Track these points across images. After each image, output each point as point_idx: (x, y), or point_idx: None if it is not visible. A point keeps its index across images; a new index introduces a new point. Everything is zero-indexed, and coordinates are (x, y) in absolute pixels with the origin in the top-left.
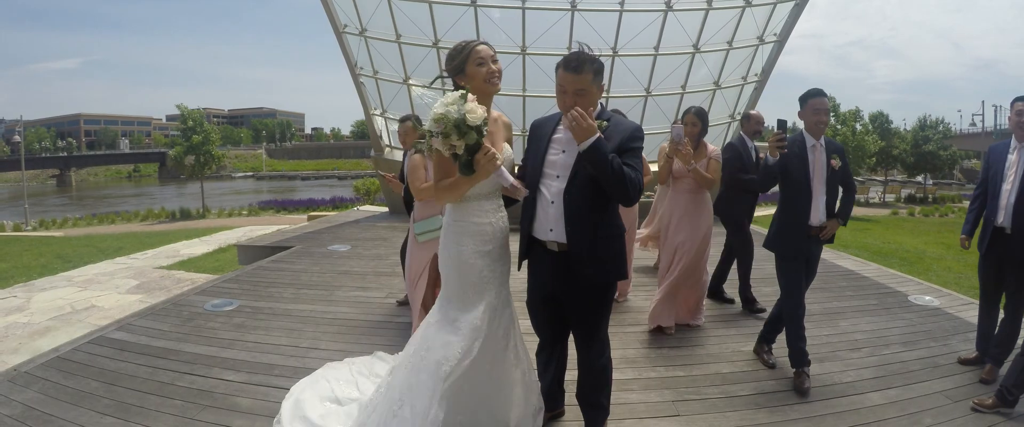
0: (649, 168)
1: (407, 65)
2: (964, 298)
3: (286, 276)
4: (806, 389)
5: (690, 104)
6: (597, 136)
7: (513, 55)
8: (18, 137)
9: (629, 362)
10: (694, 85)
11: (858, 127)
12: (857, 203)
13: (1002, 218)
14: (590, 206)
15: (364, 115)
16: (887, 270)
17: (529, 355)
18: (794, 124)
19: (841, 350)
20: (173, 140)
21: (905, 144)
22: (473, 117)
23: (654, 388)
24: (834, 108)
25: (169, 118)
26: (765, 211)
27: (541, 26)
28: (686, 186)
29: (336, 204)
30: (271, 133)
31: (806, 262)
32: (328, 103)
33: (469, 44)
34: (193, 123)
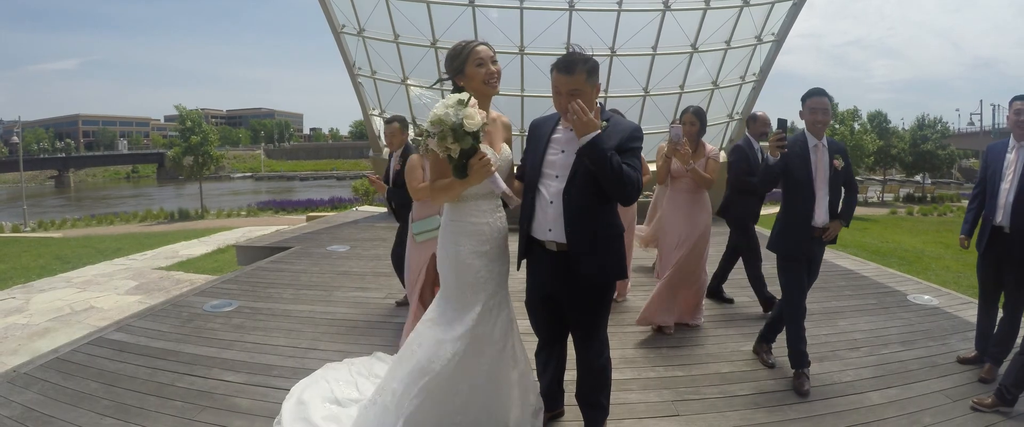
0: (648, 168)
1: (405, 65)
2: (963, 297)
3: (285, 277)
4: (806, 391)
5: (688, 104)
6: (597, 132)
7: (511, 55)
8: (16, 138)
9: (628, 362)
10: (692, 85)
11: (856, 126)
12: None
13: (1000, 217)
14: (589, 206)
15: (362, 115)
16: (886, 269)
17: (528, 355)
18: (793, 124)
19: (840, 349)
20: (171, 141)
21: (903, 143)
22: (471, 123)
23: (653, 388)
24: (832, 108)
25: (167, 119)
26: (769, 210)
27: (539, 26)
28: (685, 186)
29: (335, 204)
30: (269, 133)
31: (808, 264)
32: (326, 103)
33: (469, 44)
34: (191, 124)
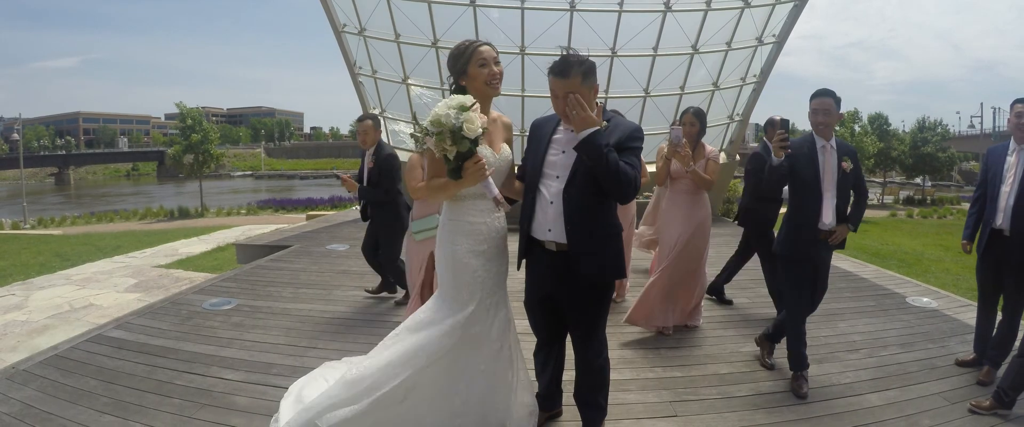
0: (647, 169)
1: (406, 65)
2: (962, 300)
3: (285, 275)
4: (804, 393)
5: (689, 105)
6: (596, 128)
7: (512, 55)
8: (17, 135)
9: (627, 362)
10: (693, 86)
11: (857, 128)
12: None
13: (1000, 220)
14: (589, 205)
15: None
16: (885, 271)
17: (525, 355)
18: (792, 124)
19: (839, 351)
20: (172, 139)
21: (904, 146)
22: (470, 127)
23: (652, 388)
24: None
25: (168, 117)
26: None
27: (540, 26)
28: (684, 187)
29: (335, 203)
30: (270, 132)
31: (815, 269)
32: (327, 102)
33: (472, 44)
34: (192, 122)
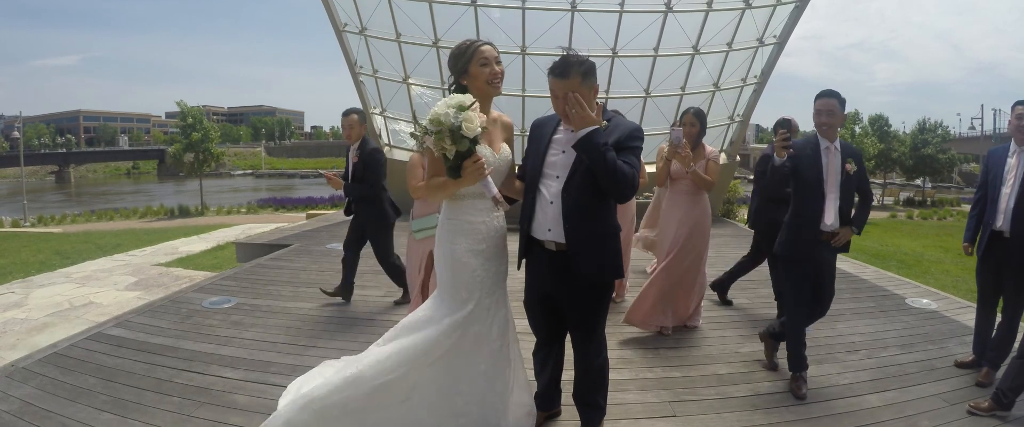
0: (646, 170)
1: (407, 64)
2: (961, 301)
3: (284, 274)
4: (802, 394)
5: (689, 106)
6: (595, 127)
7: (513, 55)
8: (17, 133)
9: (626, 362)
10: (693, 86)
11: (857, 130)
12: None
13: (1001, 222)
14: (587, 205)
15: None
16: (885, 273)
17: (524, 355)
18: (793, 123)
19: (838, 352)
20: (172, 137)
21: (904, 147)
22: (469, 127)
23: (651, 388)
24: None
25: (168, 115)
26: None
27: (541, 26)
28: (684, 187)
29: (335, 202)
30: (270, 131)
31: (818, 271)
32: (328, 101)
33: (473, 44)
34: (192, 120)
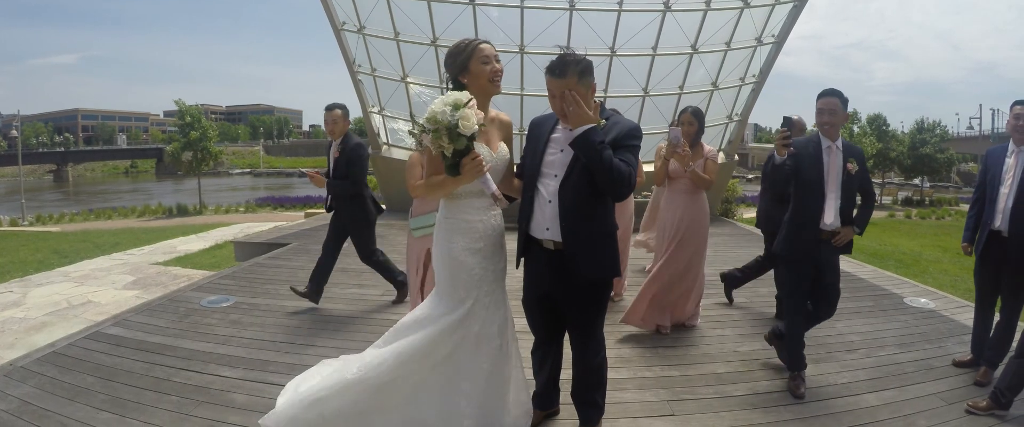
0: (643, 169)
1: (405, 63)
2: (960, 300)
3: (283, 273)
4: (801, 393)
5: (688, 104)
6: (593, 125)
7: (511, 54)
8: (15, 132)
9: (624, 361)
10: (692, 86)
11: (855, 129)
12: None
13: (999, 222)
14: (585, 204)
15: (362, 113)
16: (883, 272)
17: (523, 354)
18: (792, 120)
19: (837, 351)
20: (170, 136)
21: (902, 147)
22: (466, 124)
23: (649, 387)
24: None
25: (167, 114)
26: None
27: (539, 25)
28: (683, 186)
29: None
30: (269, 130)
31: (819, 271)
32: (326, 100)
33: (472, 42)
34: (191, 119)
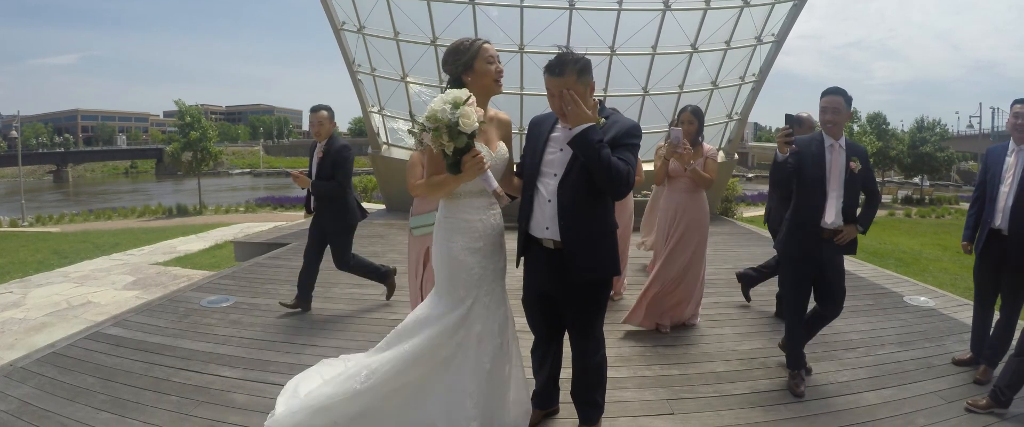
0: (642, 168)
1: (405, 63)
2: (959, 299)
3: (283, 273)
4: (800, 392)
5: (687, 103)
6: (591, 124)
7: (511, 53)
8: (15, 132)
9: (624, 360)
10: (692, 85)
11: (855, 128)
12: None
13: (999, 221)
14: (583, 202)
15: (362, 113)
16: (883, 270)
17: (523, 353)
18: (797, 118)
19: (836, 350)
20: (170, 136)
21: (902, 145)
22: (466, 122)
23: (649, 386)
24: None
25: (167, 114)
26: None
27: (539, 24)
28: (682, 185)
29: None
30: (268, 130)
31: (820, 270)
32: (326, 100)
33: (476, 41)
34: (191, 119)
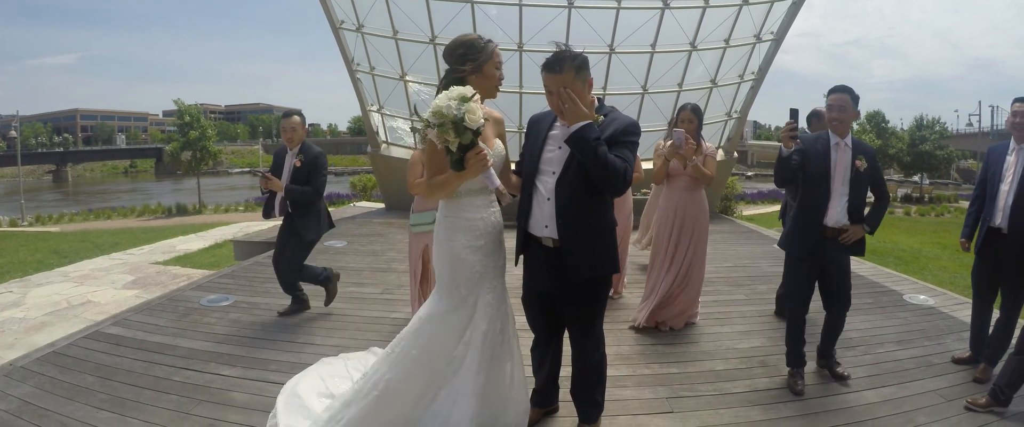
0: (641, 166)
1: (404, 61)
2: (959, 297)
3: None
4: (800, 390)
5: (686, 102)
6: (588, 122)
7: (510, 51)
8: (14, 132)
9: (623, 359)
10: (691, 83)
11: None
12: None
13: (999, 219)
14: (581, 200)
15: (361, 111)
16: (882, 269)
17: (523, 352)
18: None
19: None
20: (170, 136)
21: (902, 144)
22: (472, 118)
23: (648, 385)
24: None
25: (166, 114)
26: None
27: (538, 23)
28: (682, 184)
29: (332, 200)
30: (268, 129)
31: (822, 268)
32: (325, 99)
33: (488, 43)
34: (190, 119)
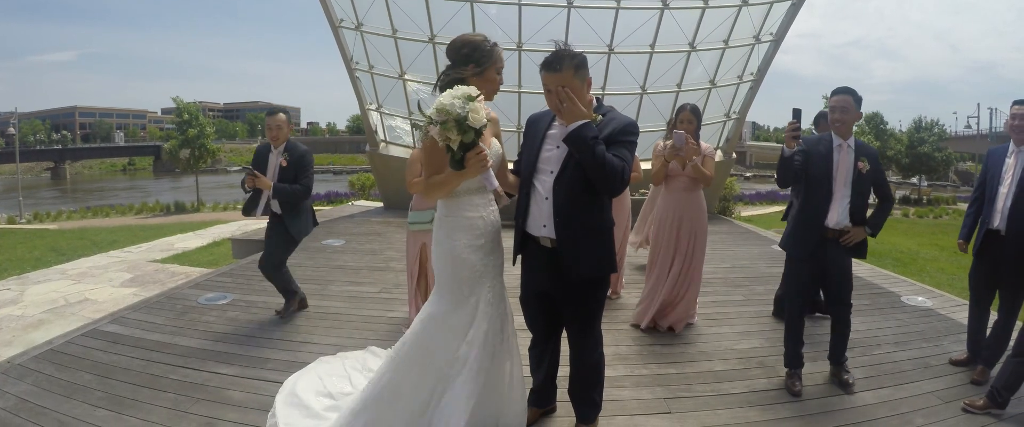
0: (639, 166)
1: (403, 60)
2: (957, 299)
3: None
4: (797, 391)
5: (685, 102)
6: (586, 121)
7: (509, 51)
8: (13, 129)
9: (621, 359)
10: (690, 83)
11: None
12: None
13: (998, 221)
14: (579, 199)
15: (360, 110)
16: (880, 270)
17: (521, 351)
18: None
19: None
20: (168, 133)
21: (900, 145)
22: (475, 117)
23: (646, 385)
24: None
25: (164, 111)
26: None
27: (537, 22)
28: (681, 185)
29: (331, 199)
30: None
31: (823, 270)
32: (324, 98)
33: (494, 46)
34: (188, 116)
